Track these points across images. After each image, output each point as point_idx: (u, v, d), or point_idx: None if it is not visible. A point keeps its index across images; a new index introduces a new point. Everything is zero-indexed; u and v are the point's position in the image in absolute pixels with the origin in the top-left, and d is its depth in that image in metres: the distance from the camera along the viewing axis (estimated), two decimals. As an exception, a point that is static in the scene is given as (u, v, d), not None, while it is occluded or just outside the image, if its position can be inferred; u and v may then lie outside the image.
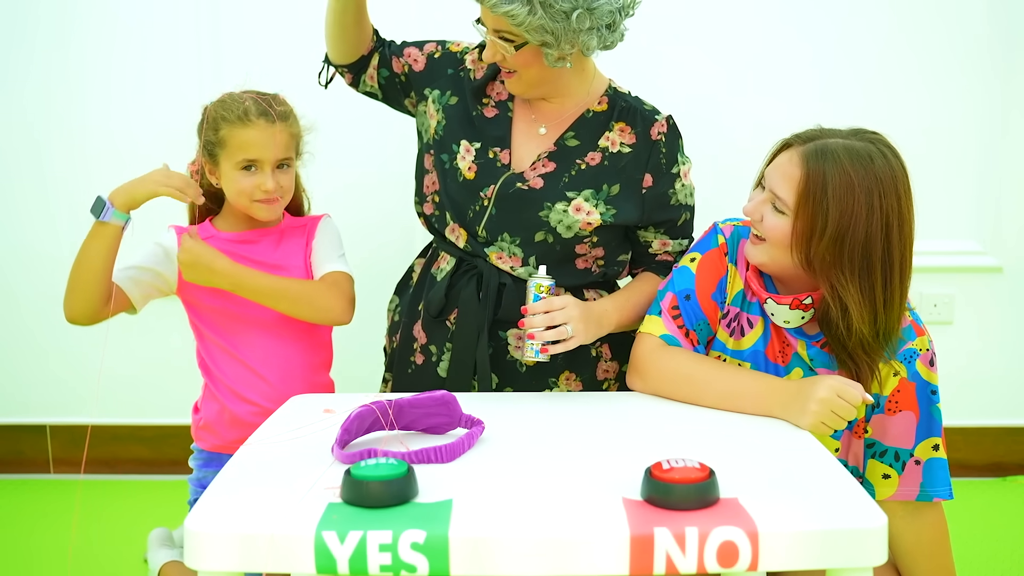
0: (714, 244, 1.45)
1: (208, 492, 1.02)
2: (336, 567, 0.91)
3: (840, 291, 1.27)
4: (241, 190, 1.55)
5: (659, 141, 1.61)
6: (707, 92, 2.32)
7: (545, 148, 1.62)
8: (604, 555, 0.91)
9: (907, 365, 1.34)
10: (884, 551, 0.93)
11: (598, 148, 1.61)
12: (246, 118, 1.53)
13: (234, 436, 1.55)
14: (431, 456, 1.11)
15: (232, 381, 1.58)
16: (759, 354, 1.42)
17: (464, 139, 1.64)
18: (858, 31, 2.35)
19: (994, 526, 2.22)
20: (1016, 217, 2.41)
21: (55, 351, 2.54)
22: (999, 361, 2.48)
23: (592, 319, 1.53)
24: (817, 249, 1.27)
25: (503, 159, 1.62)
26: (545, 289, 1.49)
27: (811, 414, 1.23)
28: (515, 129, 1.65)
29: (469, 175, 1.61)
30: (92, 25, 2.40)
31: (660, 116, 1.63)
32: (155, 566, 1.78)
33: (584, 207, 1.57)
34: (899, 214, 1.27)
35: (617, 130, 1.62)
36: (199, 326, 1.61)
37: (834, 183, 1.26)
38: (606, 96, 1.64)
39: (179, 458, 1.77)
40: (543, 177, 1.59)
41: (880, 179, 1.26)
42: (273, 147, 1.54)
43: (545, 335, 1.47)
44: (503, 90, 1.66)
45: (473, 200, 1.61)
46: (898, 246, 1.27)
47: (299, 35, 2.38)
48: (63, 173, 2.44)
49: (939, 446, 1.37)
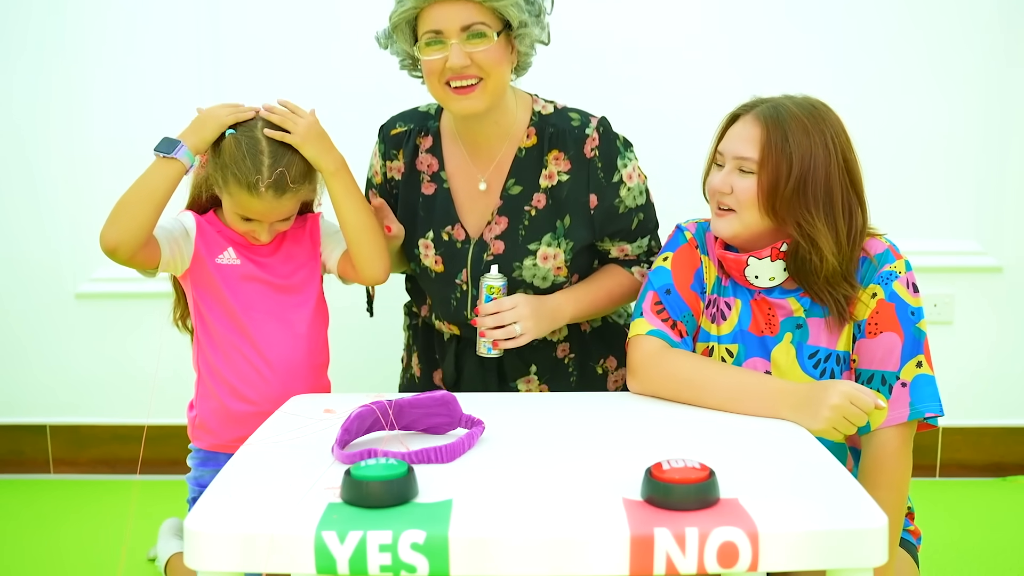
0: (683, 241, 1.50)
1: (208, 492, 1.02)
2: (336, 567, 0.91)
3: (808, 228, 1.34)
4: (235, 228, 1.56)
5: (593, 158, 1.60)
6: (707, 92, 2.32)
7: (492, 204, 1.62)
8: (604, 555, 0.91)
9: (884, 286, 1.37)
10: (884, 551, 0.93)
11: (540, 189, 1.61)
12: (255, 188, 1.47)
13: (232, 435, 1.54)
14: (431, 456, 1.11)
15: (232, 377, 1.57)
16: (744, 333, 1.44)
17: (419, 238, 1.66)
18: (858, 31, 2.35)
19: (994, 526, 2.22)
20: (1016, 217, 2.41)
21: (55, 351, 2.54)
22: (999, 361, 2.48)
23: (544, 314, 1.58)
24: (783, 195, 1.35)
25: (458, 235, 1.63)
26: (496, 290, 1.56)
27: (824, 420, 1.23)
28: (457, 199, 1.65)
29: (438, 268, 1.65)
30: (87, 25, 2.40)
31: (590, 128, 1.60)
32: (164, 555, 1.78)
33: (548, 253, 1.61)
34: (852, 152, 1.39)
35: (551, 160, 1.60)
36: (203, 313, 1.58)
37: (793, 130, 1.35)
38: (532, 126, 1.62)
39: (178, 458, 1.77)
40: (501, 238, 1.62)
41: (830, 122, 1.37)
42: (276, 215, 1.52)
43: (495, 333, 1.54)
44: (431, 159, 1.67)
45: (451, 289, 1.65)
46: (855, 181, 1.38)
47: (299, 35, 2.38)
48: (57, 170, 2.44)
49: (923, 363, 1.35)
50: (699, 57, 2.35)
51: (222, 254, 1.56)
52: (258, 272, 1.58)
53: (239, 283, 1.56)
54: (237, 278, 1.56)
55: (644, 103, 2.33)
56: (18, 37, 2.41)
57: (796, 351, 1.41)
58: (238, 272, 1.56)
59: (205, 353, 1.59)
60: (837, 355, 1.40)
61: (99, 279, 2.49)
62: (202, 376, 1.61)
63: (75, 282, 2.50)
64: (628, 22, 2.34)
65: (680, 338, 1.44)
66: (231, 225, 1.56)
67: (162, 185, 1.47)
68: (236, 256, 1.57)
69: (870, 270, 1.39)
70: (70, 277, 2.50)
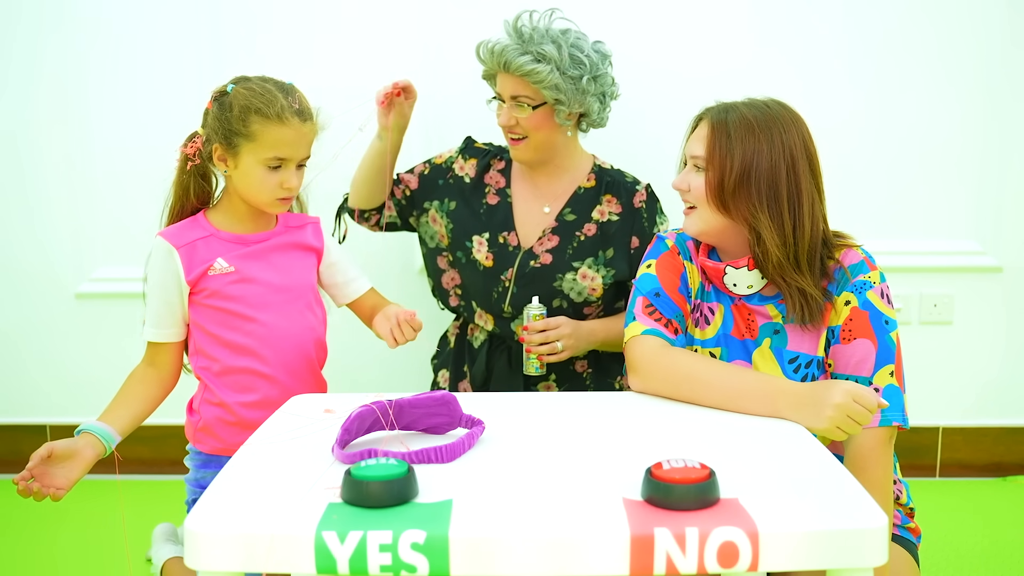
0: (665, 249, 1.54)
1: (208, 492, 1.02)
2: (336, 567, 0.91)
3: (752, 222, 1.40)
4: (263, 186, 1.52)
5: (641, 208, 1.91)
6: (705, 93, 2.32)
7: (548, 224, 1.91)
8: (604, 555, 0.91)
9: (857, 295, 1.40)
10: (884, 551, 0.93)
11: (592, 220, 1.91)
12: (283, 115, 1.48)
13: (236, 439, 1.53)
14: (431, 456, 1.11)
15: (234, 379, 1.56)
16: (727, 337, 1.48)
17: (475, 234, 1.92)
18: (858, 31, 2.35)
19: (994, 526, 2.22)
20: (1016, 217, 2.41)
21: (55, 351, 2.54)
22: (999, 361, 2.48)
23: (582, 336, 1.84)
24: (728, 188, 1.40)
25: (512, 241, 1.91)
26: (539, 318, 1.81)
27: (827, 419, 1.24)
28: (516, 211, 1.93)
29: (488, 263, 1.91)
30: (83, 24, 2.40)
31: (640, 186, 1.93)
32: (159, 561, 1.78)
33: (588, 274, 1.88)
34: (805, 150, 1.41)
35: (605, 202, 1.92)
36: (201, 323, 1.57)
37: (736, 127, 1.41)
38: (593, 173, 1.94)
39: (178, 458, 1.76)
40: (550, 252, 1.89)
41: (778, 119, 1.41)
42: (303, 147, 1.54)
43: (540, 349, 1.80)
44: (500, 178, 1.97)
45: (495, 284, 1.91)
46: (806, 177, 1.41)
47: (299, 35, 2.38)
48: (56, 170, 2.44)
49: (894, 373, 1.38)
50: (700, 58, 2.35)
51: (212, 266, 1.54)
52: (253, 273, 1.56)
53: (235, 288, 1.55)
54: (232, 284, 1.55)
55: (649, 104, 2.33)
56: (12, 37, 2.41)
57: (776, 355, 1.44)
58: (232, 279, 1.55)
59: (206, 359, 1.58)
60: (818, 360, 1.43)
61: (98, 279, 2.49)
62: (204, 381, 1.60)
63: (74, 282, 2.50)
64: (629, 22, 2.34)
65: (675, 335, 1.46)
66: (256, 190, 1.53)
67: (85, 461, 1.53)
68: (228, 264, 1.55)
69: (843, 279, 1.41)
70: (70, 277, 2.50)
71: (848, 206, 2.28)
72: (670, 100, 2.35)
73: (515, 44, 1.76)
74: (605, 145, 2.12)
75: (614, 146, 2.19)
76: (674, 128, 2.30)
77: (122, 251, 2.47)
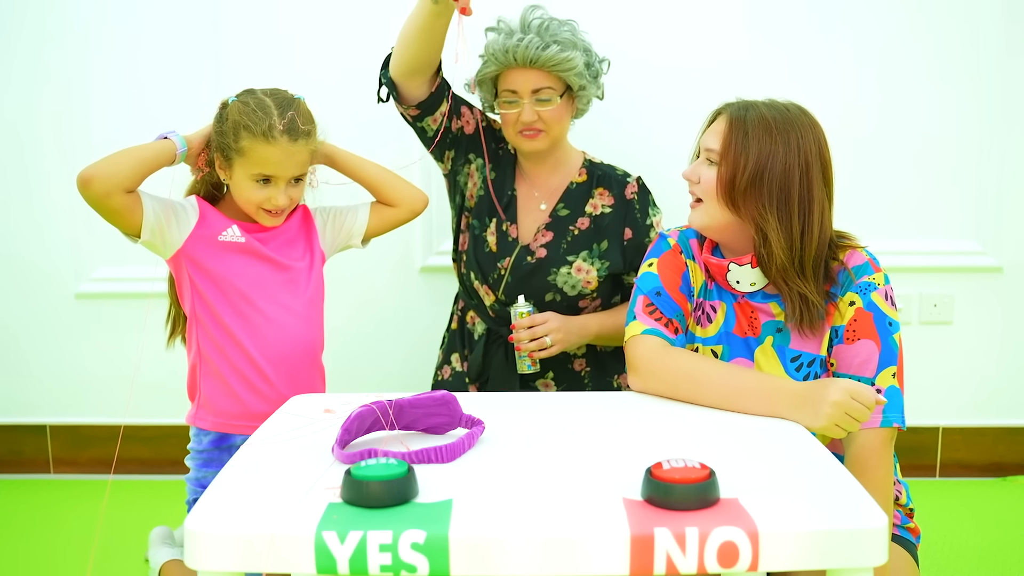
0: (667, 247, 1.53)
1: (208, 492, 1.02)
2: (336, 567, 0.91)
3: (760, 222, 1.39)
4: (252, 199, 1.56)
5: (633, 200, 1.92)
6: (705, 94, 2.32)
7: (543, 220, 1.92)
8: (604, 555, 0.91)
9: (862, 296, 1.40)
10: (884, 551, 0.93)
11: (585, 214, 1.92)
12: (270, 135, 1.50)
13: (235, 410, 1.57)
14: (431, 456, 1.11)
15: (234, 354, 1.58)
16: (728, 335, 1.47)
17: (495, 216, 1.93)
18: (858, 31, 2.35)
19: (994, 526, 2.22)
20: (1016, 217, 2.41)
21: (55, 351, 2.54)
22: (999, 361, 2.48)
23: (572, 329, 1.85)
24: (740, 186, 1.40)
25: (512, 233, 1.92)
26: (526, 315, 1.82)
27: (825, 417, 1.24)
28: (519, 207, 1.94)
29: (493, 247, 1.91)
30: (84, 23, 2.40)
31: (631, 178, 1.94)
32: (156, 564, 1.78)
33: (583, 267, 1.88)
34: (820, 156, 1.41)
35: (597, 195, 1.93)
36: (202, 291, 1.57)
37: (754, 126, 1.40)
38: (584, 168, 1.95)
39: (178, 458, 1.77)
40: (545, 247, 1.89)
41: (796, 124, 1.41)
42: (292, 166, 1.55)
43: (529, 346, 1.80)
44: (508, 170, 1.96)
45: (493, 268, 1.91)
46: (819, 184, 1.40)
47: (299, 34, 2.38)
48: (56, 170, 2.44)
49: (896, 374, 1.39)
50: (700, 59, 2.35)
51: (225, 231, 1.58)
52: (262, 249, 1.60)
53: (243, 259, 1.58)
54: (241, 254, 1.58)
55: (654, 104, 2.33)
56: (15, 37, 2.41)
57: (778, 354, 1.44)
58: (242, 248, 1.58)
59: (207, 331, 1.59)
60: (820, 359, 1.43)
61: (99, 279, 2.49)
62: (203, 356, 1.61)
63: (75, 282, 2.51)
64: (622, 18, 2.35)
65: (676, 335, 1.46)
66: (246, 201, 1.57)
67: (151, 150, 1.51)
68: (240, 234, 1.58)
69: (847, 281, 1.41)
70: (70, 277, 2.50)
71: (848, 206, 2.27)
72: (662, 97, 2.36)
73: (534, 38, 1.76)
74: (597, 140, 2.13)
75: (606, 141, 2.20)
76: (665, 124, 2.34)
77: (122, 251, 2.46)
